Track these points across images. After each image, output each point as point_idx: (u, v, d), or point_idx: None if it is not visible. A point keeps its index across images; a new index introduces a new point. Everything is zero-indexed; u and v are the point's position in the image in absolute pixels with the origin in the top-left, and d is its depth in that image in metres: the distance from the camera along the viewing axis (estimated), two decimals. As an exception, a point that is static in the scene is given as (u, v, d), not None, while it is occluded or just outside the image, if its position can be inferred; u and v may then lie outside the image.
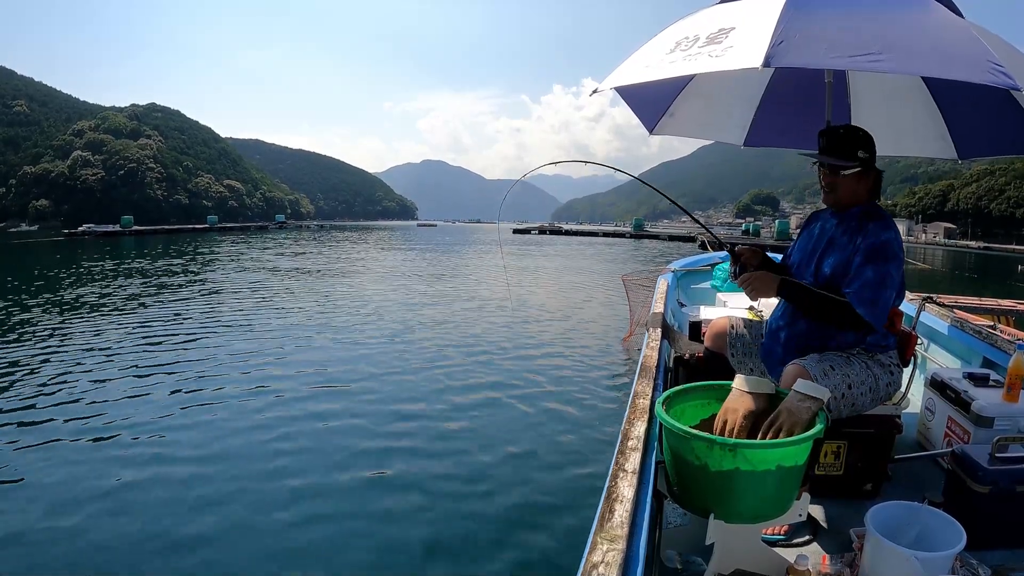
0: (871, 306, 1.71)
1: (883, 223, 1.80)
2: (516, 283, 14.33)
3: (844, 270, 1.80)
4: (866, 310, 1.71)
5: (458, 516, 3.20)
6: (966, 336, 2.99)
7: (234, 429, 4.37)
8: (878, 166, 1.89)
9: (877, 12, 1.71)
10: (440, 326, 8.59)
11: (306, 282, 14.58)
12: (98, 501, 3.31)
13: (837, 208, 1.91)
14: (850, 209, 1.88)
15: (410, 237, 52.49)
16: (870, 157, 1.84)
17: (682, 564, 1.66)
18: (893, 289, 1.76)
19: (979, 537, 1.67)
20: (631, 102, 3.06)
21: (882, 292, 1.72)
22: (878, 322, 1.73)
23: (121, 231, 53.36)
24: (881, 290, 1.72)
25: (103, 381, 5.61)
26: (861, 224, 1.82)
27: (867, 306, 1.71)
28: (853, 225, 1.84)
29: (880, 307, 1.73)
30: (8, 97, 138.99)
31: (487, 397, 5.22)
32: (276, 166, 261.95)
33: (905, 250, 1.86)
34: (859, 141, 1.84)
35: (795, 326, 1.90)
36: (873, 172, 1.86)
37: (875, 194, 1.90)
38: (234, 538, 2.97)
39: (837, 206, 1.91)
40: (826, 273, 1.84)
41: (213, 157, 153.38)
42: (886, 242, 1.75)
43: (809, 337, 1.86)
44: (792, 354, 1.83)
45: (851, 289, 1.75)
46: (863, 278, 1.74)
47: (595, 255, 27.71)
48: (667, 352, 2.74)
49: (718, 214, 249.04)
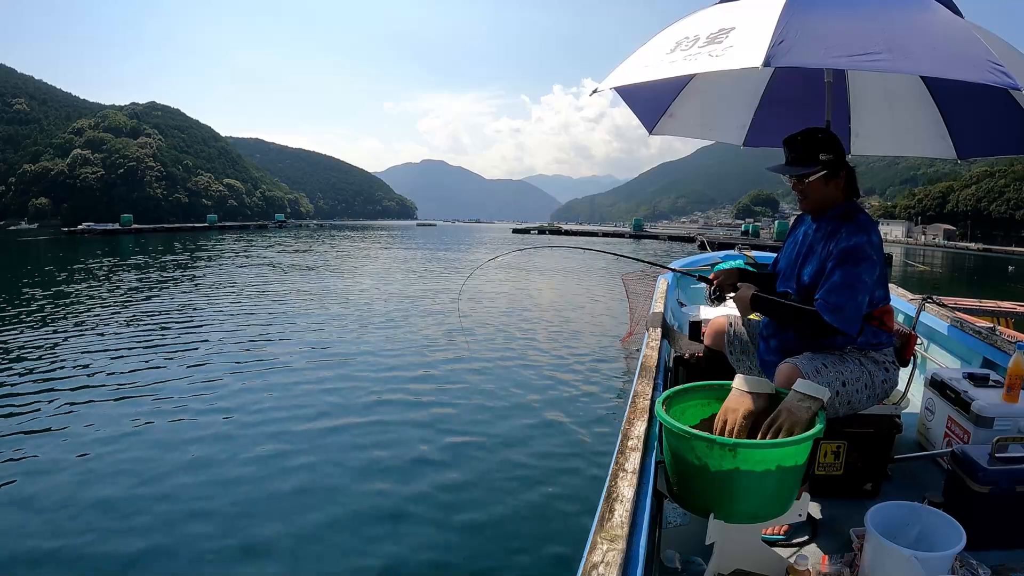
0: (838, 312, 1.70)
1: (855, 225, 1.78)
2: (516, 285, 14.31)
3: (820, 277, 1.80)
4: (832, 317, 1.70)
5: (457, 515, 3.19)
6: (966, 336, 2.99)
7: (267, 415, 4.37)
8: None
9: (877, 12, 1.71)
10: (438, 325, 8.60)
11: (309, 276, 14.58)
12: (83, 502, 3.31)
13: (814, 213, 1.92)
14: (827, 212, 1.88)
15: (410, 236, 52.48)
16: (833, 158, 1.83)
17: (682, 564, 1.67)
18: (865, 293, 1.73)
19: (979, 537, 1.67)
20: (631, 102, 3.06)
21: (851, 297, 1.71)
22: (848, 328, 1.71)
23: (121, 229, 53.37)
24: (850, 295, 1.71)
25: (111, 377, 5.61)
26: (836, 228, 1.82)
27: (833, 313, 1.70)
28: (829, 229, 1.84)
29: (849, 313, 1.70)
30: (8, 95, 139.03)
31: (485, 396, 5.21)
32: (276, 165, 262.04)
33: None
34: (819, 144, 1.83)
35: (784, 333, 1.91)
36: (842, 171, 1.85)
37: (850, 193, 1.89)
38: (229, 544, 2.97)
39: (813, 211, 1.92)
40: (805, 282, 1.85)
41: (213, 156, 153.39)
42: (856, 246, 1.73)
43: (798, 343, 1.86)
44: (783, 357, 1.83)
45: (819, 296, 1.75)
46: (830, 283, 1.73)
47: (594, 255, 27.67)
48: (667, 352, 2.74)
49: (717, 215, 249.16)
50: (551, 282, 15.11)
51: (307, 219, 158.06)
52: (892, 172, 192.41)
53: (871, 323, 1.83)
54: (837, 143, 1.86)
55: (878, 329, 1.85)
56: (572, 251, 32.23)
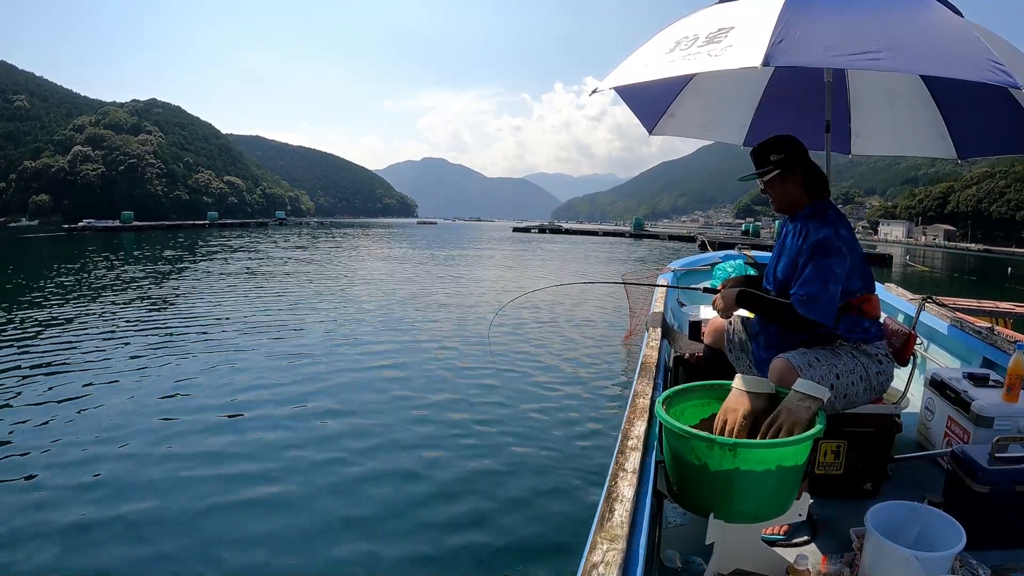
0: (811, 303, 1.75)
1: (821, 221, 1.84)
2: (516, 285, 14.30)
3: (792, 273, 1.86)
4: (805, 308, 1.75)
5: (456, 515, 3.19)
6: (966, 336, 2.99)
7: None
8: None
9: (876, 11, 1.71)
10: (436, 324, 8.60)
11: (313, 273, 14.59)
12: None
13: (787, 213, 2.00)
14: (800, 212, 1.95)
15: (412, 235, 52.47)
16: (784, 157, 1.89)
17: (682, 564, 1.67)
18: (836, 283, 1.77)
19: (979, 537, 1.67)
20: (631, 102, 3.06)
21: (822, 289, 1.75)
22: (822, 318, 1.76)
23: (121, 226, 53.47)
24: (821, 286, 1.75)
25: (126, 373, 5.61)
26: (805, 226, 1.89)
27: (805, 304, 1.75)
28: (800, 228, 1.92)
29: (822, 303, 1.75)
30: (9, 92, 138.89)
31: (484, 396, 5.21)
32: (276, 163, 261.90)
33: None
34: (770, 147, 1.92)
35: (767, 329, 1.97)
36: (798, 171, 1.90)
37: (815, 190, 1.93)
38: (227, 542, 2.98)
39: (783, 211, 1.99)
40: (779, 278, 1.94)
41: (213, 153, 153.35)
42: (823, 239, 1.79)
43: (782, 336, 1.90)
44: (774, 352, 1.85)
45: (793, 290, 1.81)
46: (803, 277, 1.80)
47: (593, 250, 27.69)
48: (667, 352, 2.74)
49: (718, 214, 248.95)
50: (551, 281, 15.09)
51: (308, 217, 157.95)
52: (892, 172, 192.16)
53: (850, 312, 1.85)
54: (791, 144, 1.91)
55: (859, 317, 1.86)
56: (572, 244, 32.27)
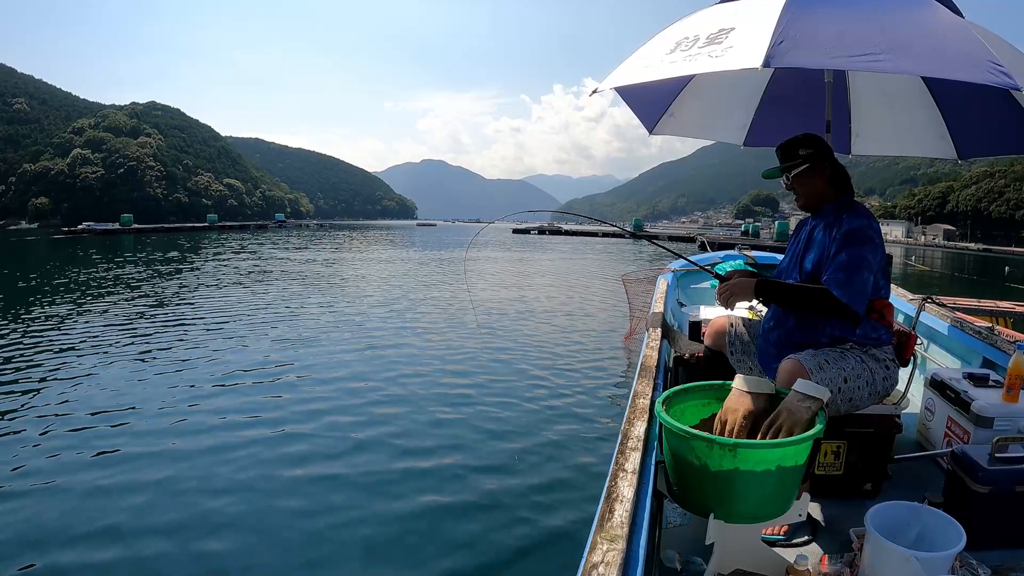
0: (846, 286, 1.74)
1: (856, 212, 1.87)
2: (516, 284, 14.31)
3: (824, 262, 1.85)
4: (841, 291, 1.74)
5: (454, 515, 3.19)
6: (966, 336, 2.99)
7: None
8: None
9: (877, 12, 1.71)
10: (436, 323, 8.60)
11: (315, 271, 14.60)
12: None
13: (811, 210, 2.00)
14: (824, 208, 1.96)
15: (411, 237, 52.48)
16: (813, 152, 1.92)
17: (682, 564, 1.66)
18: (870, 272, 1.77)
19: (979, 537, 1.67)
20: (631, 102, 3.07)
21: (857, 273, 1.75)
22: (855, 303, 1.74)
23: (121, 229, 53.41)
24: (855, 272, 1.75)
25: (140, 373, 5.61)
26: (837, 218, 1.89)
27: (841, 287, 1.74)
28: (830, 221, 1.91)
29: (856, 287, 1.74)
30: (8, 95, 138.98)
31: (483, 396, 5.21)
32: (276, 165, 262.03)
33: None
34: (799, 142, 1.94)
35: (785, 324, 1.94)
36: (825, 165, 1.93)
37: (841, 188, 1.96)
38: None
39: (809, 208, 2.00)
40: (808, 269, 1.90)
41: (213, 156, 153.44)
42: (859, 227, 1.80)
43: (799, 332, 1.88)
44: (784, 351, 1.85)
45: (827, 274, 1.80)
46: (837, 262, 1.79)
47: (592, 246, 27.71)
48: (667, 352, 2.74)
49: (718, 214, 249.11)
50: (551, 280, 15.11)
51: (307, 219, 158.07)
52: (892, 172, 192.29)
53: (871, 316, 1.85)
54: (817, 141, 1.94)
55: (877, 323, 1.87)
56: (572, 246, 32.32)
